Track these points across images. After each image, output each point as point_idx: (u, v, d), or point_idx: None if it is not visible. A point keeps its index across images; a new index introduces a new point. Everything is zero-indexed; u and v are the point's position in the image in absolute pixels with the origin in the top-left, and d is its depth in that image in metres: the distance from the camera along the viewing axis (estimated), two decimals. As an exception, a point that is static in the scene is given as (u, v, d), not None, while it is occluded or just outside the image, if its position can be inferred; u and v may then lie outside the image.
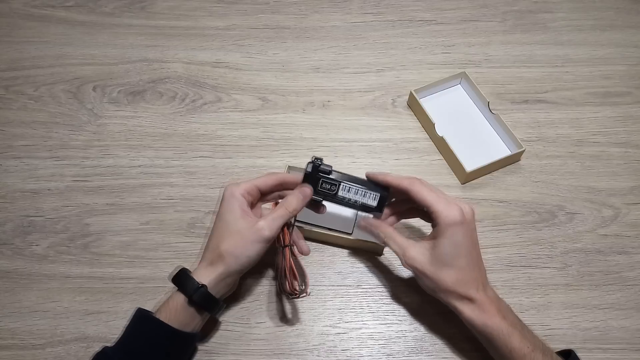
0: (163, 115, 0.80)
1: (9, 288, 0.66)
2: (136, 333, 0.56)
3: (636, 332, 0.64)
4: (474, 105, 0.81)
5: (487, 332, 0.55)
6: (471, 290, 0.56)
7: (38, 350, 0.62)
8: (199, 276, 0.57)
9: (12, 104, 0.81)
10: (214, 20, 0.90)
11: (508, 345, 0.55)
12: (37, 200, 0.72)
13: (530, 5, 0.93)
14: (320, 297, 0.66)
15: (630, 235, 0.71)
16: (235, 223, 0.57)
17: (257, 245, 0.57)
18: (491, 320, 0.55)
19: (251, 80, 0.84)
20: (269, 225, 0.57)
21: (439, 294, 0.58)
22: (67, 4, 0.92)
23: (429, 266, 0.57)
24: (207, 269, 0.57)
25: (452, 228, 0.56)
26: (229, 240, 0.57)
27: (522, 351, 0.54)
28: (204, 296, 0.56)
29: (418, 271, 0.58)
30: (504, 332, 0.55)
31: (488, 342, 0.57)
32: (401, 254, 0.59)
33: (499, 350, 0.55)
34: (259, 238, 0.56)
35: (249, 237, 0.57)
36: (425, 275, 0.57)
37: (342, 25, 0.90)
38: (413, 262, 0.58)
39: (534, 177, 0.75)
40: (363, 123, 0.80)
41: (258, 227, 0.57)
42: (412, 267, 0.58)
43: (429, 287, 0.58)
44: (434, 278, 0.57)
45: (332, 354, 0.62)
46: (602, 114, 0.81)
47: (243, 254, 0.57)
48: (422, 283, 0.59)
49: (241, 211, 0.58)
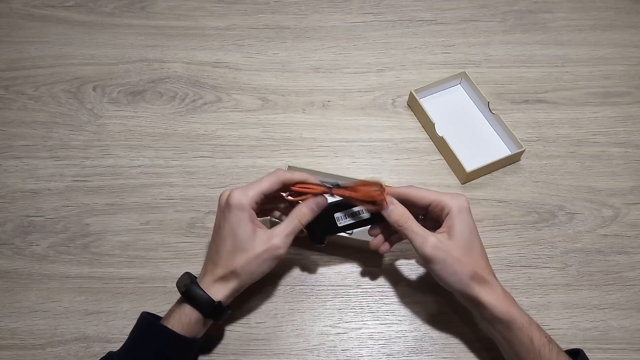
0: (163, 115, 0.80)
1: (9, 288, 0.66)
2: (143, 340, 0.56)
3: (636, 332, 0.64)
4: (474, 105, 0.81)
5: (510, 320, 0.54)
6: (490, 276, 0.56)
7: (38, 350, 0.62)
8: (210, 290, 0.56)
9: (12, 104, 0.81)
10: (214, 20, 0.90)
11: (529, 333, 0.54)
12: (37, 200, 0.72)
13: (530, 5, 0.93)
14: (320, 297, 0.66)
15: (630, 235, 0.71)
16: (249, 240, 0.56)
17: (272, 262, 0.57)
18: (513, 307, 0.55)
19: (251, 80, 0.84)
20: (283, 243, 0.57)
21: (462, 282, 0.55)
22: (67, 4, 0.92)
23: (452, 252, 0.55)
24: (220, 285, 0.56)
25: (463, 213, 0.57)
26: (242, 257, 0.56)
27: (542, 341, 0.54)
28: (219, 312, 0.56)
29: (439, 260, 0.55)
30: (526, 319, 0.55)
31: (508, 331, 0.55)
32: (421, 243, 0.56)
33: (519, 340, 0.54)
34: (273, 256, 0.57)
35: (264, 257, 0.56)
36: (447, 263, 0.55)
37: (342, 25, 0.90)
38: (436, 249, 0.55)
39: (534, 177, 0.75)
40: (363, 123, 0.80)
41: (273, 245, 0.56)
42: (433, 256, 0.55)
43: (450, 275, 0.56)
44: (457, 264, 0.55)
45: (332, 354, 0.62)
46: (602, 114, 0.81)
47: (258, 272, 0.57)
48: (442, 273, 0.56)
49: (252, 225, 0.56)
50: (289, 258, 0.68)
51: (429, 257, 0.56)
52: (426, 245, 0.56)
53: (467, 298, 0.56)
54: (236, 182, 0.74)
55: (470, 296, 0.56)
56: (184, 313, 0.55)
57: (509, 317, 0.54)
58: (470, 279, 0.55)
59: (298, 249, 0.69)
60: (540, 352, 0.53)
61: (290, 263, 0.68)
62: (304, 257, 0.69)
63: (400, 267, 0.68)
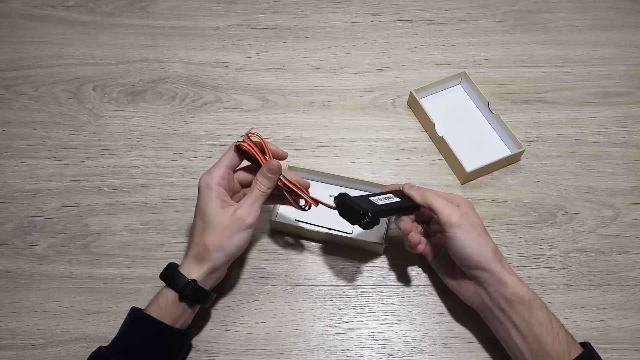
0: (163, 115, 0.80)
1: (9, 288, 0.66)
2: (130, 331, 0.56)
3: (636, 332, 0.64)
4: (474, 105, 0.81)
5: (532, 299, 0.55)
6: (504, 261, 0.58)
7: (38, 350, 0.62)
8: (186, 271, 0.57)
9: (12, 104, 0.81)
10: (214, 20, 0.90)
11: (548, 314, 0.55)
12: (37, 200, 0.72)
13: (530, 5, 0.93)
14: (320, 297, 0.66)
15: (630, 235, 0.71)
16: (216, 216, 0.57)
17: (242, 234, 0.58)
18: (530, 289, 0.56)
19: (251, 80, 0.84)
20: (248, 211, 0.58)
21: (485, 253, 0.56)
22: (67, 4, 0.92)
23: (476, 226, 0.58)
24: (194, 264, 0.57)
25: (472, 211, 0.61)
26: (212, 234, 0.57)
27: (558, 323, 0.55)
28: (194, 291, 0.56)
29: (466, 227, 0.57)
30: (543, 302, 0.55)
31: (529, 311, 0.54)
32: (449, 214, 0.57)
33: (538, 320, 0.54)
34: (242, 227, 0.57)
35: (232, 228, 0.57)
36: (473, 232, 0.57)
37: (342, 25, 0.90)
38: (463, 219, 0.57)
39: (534, 177, 0.75)
40: (363, 123, 0.80)
41: (238, 216, 0.57)
42: (461, 223, 0.57)
43: (475, 245, 0.57)
44: (482, 236, 0.58)
45: (332, 354, 0.62)
46: (602, 114, 0.81)
47: (230, 245, 0.57)
48: (468, 242, 0.57)
49: (220, 202, 0.58)
50: (289, 258, 0.68)
51: (457, 223, 0.57)
52: (454, 213, 0.57)
53: (488, 274, 0.56)
54: (236, 182, 0.74)
55: (494, 271, 0.56)
56: (161, 294, 0.56)
57: (531, 295, 0.55)
58: (493, 253, 0.57)
59: (298, 248, 0.69)
60: (559, 333, 0.54)
61: (291, 263, 0.68)
62: (304, 257, 0.69)
63: (400, 267, 0.68)
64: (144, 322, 0.55)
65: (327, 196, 0.63)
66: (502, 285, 0.56)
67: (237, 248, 0.58)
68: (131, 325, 0.56)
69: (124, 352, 0.54)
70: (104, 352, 0.55)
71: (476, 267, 0.57)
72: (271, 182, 0.59)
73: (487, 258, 0.56)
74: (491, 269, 0.56)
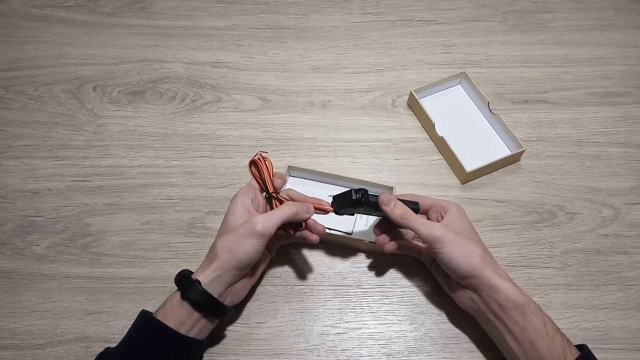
0: (163, 115, 0.80)
1: (9, 288, 0.66)
2: (138, 334, 0.56)
3: (636, 332, 0.64)
4: (474, 105, 0.81)
5: (525, 303, 0.54)
6: (495, 264, 0.58)
7: (38, 350, 0.62)
8: (196, 274, 0.57)
9: (12, 104, 0.81)
10: (214, 20, 0.90)
11: (543, 319, 0.54)
12: (37, 200, 0.72)
13: (530, 5, 0.93)
14: (320, 297, 0.66)
15: (630, 235, 0.71)
16: (234, 221, 0.58)
17: (252, 241, 0.56)
18: (523, 292, 0.56)
19: (251, 80, 0.84)
20: (262, 220, 0.56)
21: (473, 261, 0.56)
22: (67, 4, 0.92)
23: (460, 235, 0.57)
24: (204, 267, 0.57)
25: (462, 213, 0.62)
26: (225, 237, 0.57)
27: (554, 327, 0.54)
28: (197, 292, 0.55)
29: (450, 240, 0.56)
30: (537, 305, 0.55)
31: (522, 316, 0.54)
32: (429, 228, 0.57)
33: (533, 325, 0.53)
34: (252, 232, 0.56)
35: (243, 233, 0.56)
36: (457, 242, 0.56)
37: (342, 25, 0.90)
38: (445, 230, 0.56)
39: (534, 177, 0.75)
40: (363, 123, 0.80)
41: (252, 221, 0.57)
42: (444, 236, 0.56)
43: (461, 255, 0.56)
44: (467, 244, 0.57)
45: (332, 354, 0.62)
46: (602, 114, 0.81)
47: (238, 250, 0.56)
48: (454, 253, 0.56)
49: (242, 210, 0.59)
50: (289, 258, 0.68)
51: (438, 237, 0.56)
52: (435, 229, 0.57)
53: (479, 280, 0.56)
54: (236, 182, 0.74)
55: (483, 277, 0.55)
56: (169, 297, 0.57)
57: (524, 300, 0.55)
58: (480, 259, 0.56)
59: (298, 249, 0.69)
60: (554, 337, 0.53)
61: (291, 263, 0.68)
62: (304, 257, 0.69)
63: (400, 268, 0.68)
64: (152, 326, 0.55)
65: (328, 196, 0.63)
66: (494, 290, 0.55)
67: (246, 255, 0.56)
68: (138, 329, 0.56)
69: (130, 354, 0.54)
70: (112, 354, 0.54)
71: (465, 276, 0.57)
72: (300, 216, 0.59)
73: (475, 265, 0.56)
74: (480, 275, 0.56)
